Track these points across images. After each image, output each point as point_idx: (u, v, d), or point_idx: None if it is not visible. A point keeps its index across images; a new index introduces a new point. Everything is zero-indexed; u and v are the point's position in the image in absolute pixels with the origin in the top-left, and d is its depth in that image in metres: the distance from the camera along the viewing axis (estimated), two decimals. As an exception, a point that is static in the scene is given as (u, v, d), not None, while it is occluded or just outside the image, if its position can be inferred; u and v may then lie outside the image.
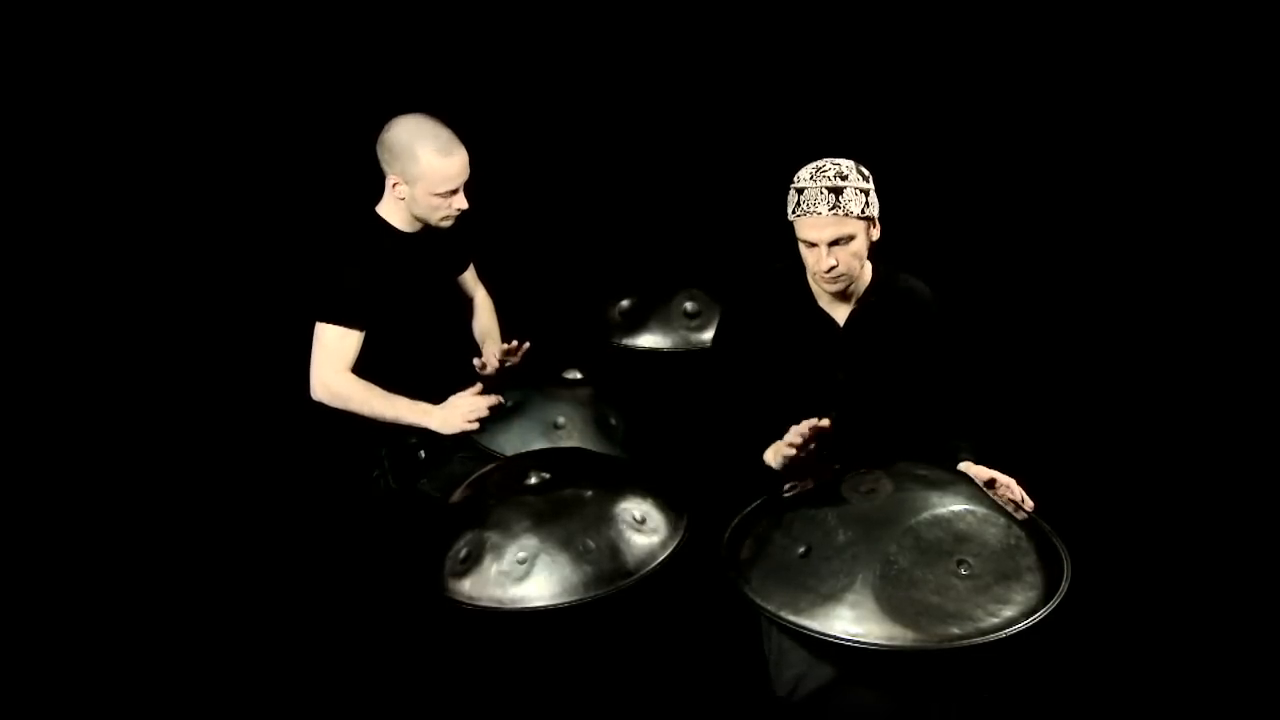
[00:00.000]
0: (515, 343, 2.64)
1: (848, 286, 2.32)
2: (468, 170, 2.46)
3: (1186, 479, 3.20)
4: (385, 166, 2.45)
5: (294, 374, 3.38)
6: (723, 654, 2.58)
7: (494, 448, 2.54)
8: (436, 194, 2.43)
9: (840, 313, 2.38)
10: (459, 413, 2.47)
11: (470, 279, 2.85)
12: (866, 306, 2.37)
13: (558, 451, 2.45)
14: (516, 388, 2.65)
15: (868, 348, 2.37)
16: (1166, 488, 3.18)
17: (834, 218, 2.19)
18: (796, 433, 2.17)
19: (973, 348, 2.52)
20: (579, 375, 2.73)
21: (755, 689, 2.36)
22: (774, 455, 2.26)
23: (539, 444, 2.52)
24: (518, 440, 2.54)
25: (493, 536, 2.07)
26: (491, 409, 2.49)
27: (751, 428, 2.33)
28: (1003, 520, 2.04)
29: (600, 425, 2.62)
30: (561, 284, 3.39)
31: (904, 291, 2.41)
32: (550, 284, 3.43)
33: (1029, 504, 2.14)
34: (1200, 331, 3.46)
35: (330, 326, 2.45)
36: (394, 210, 2.50)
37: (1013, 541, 2.01)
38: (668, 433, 2.73)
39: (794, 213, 2.24)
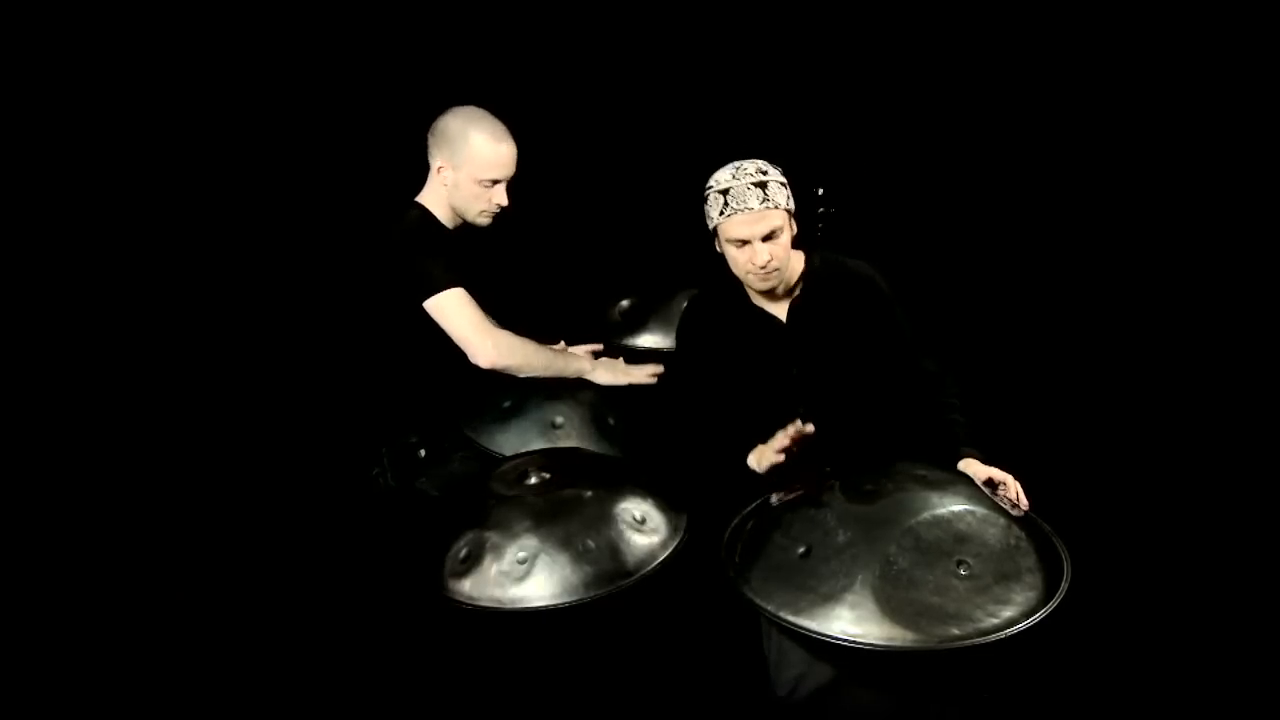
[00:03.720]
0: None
1: (779, 283, 2.33)
2: (513, 167, 2.49)
3: (1186, 479, 3.21)
4: (433, 151, 2.48)
5: (293, 372, 3.40)
6: (723, 654, 2.58)
7: (494, 448, 2.54)
8: (479, 180, 2.44)
9: (780, 309, 2.38)
10: (621, 367, 2.65)
11: None
12: (805, 297, 2.37)
13: (557, 451, 2.45)
14: (515, 387, 2.65)
15: (815, 338, 2.37)
16: (1167, 488, 3.19)
17: (764, 211, 2.21)
18: (784, 436, 2.18)
19: (930, 312, 2.51)
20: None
21: (755, 689, 2.36)
22: (757, 460, 2.27)
23: (538, 444, 2.52)
24: (517, 440, 2.54)
25: (493, 536, 2.07)
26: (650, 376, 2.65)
27: (721, 435, 2.35)
28: (1003, 520, 2.04)
29: (599, 425, 2.61)
30: (561, 284, 3.39)
31: (841, 274, 2.41)
32: (550, 284, 3.44)
33: (1025, 503, 2.14)
34: (1199, 331, 3.46)
35: (452, 292, 2.42)
36: (435, 202, 2.51)
37: (1013, 542, 2.01)
38: (667, 433, 2.73)
39: (722, 214, 2.24)
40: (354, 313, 2.58)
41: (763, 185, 2.22)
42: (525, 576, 2.02)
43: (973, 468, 2.21)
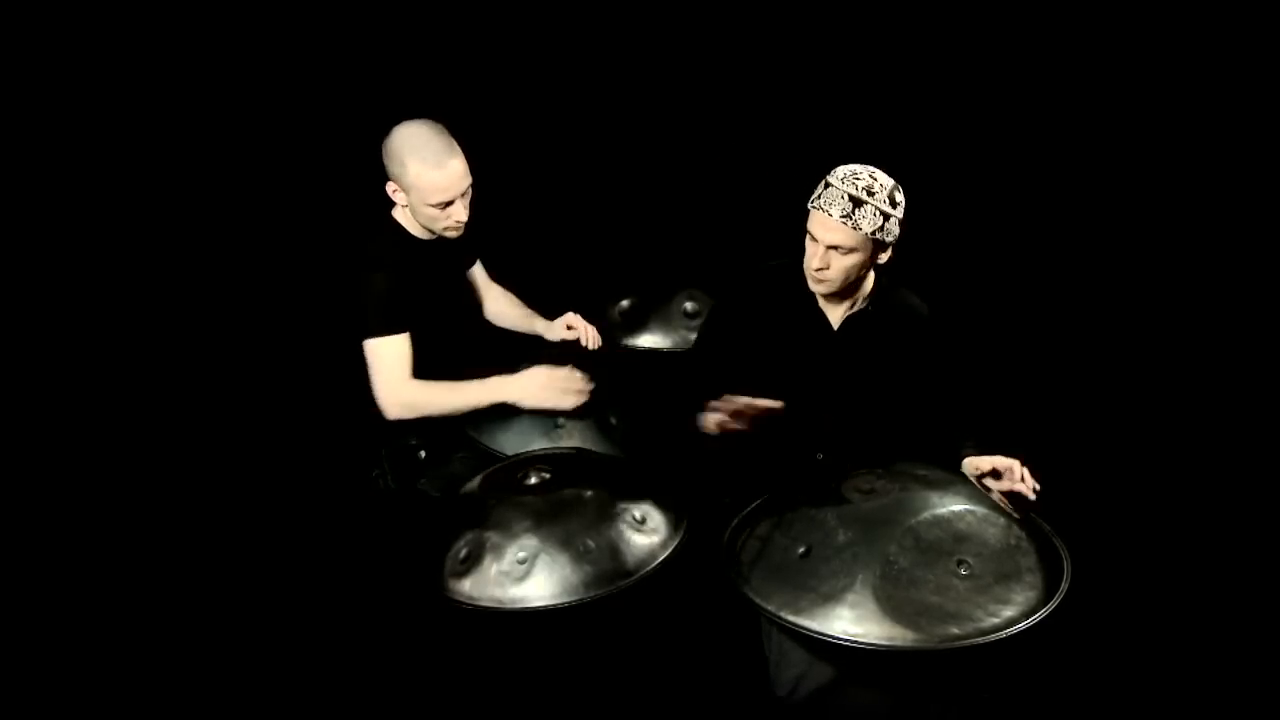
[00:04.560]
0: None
1: (836, 291, 2.33)
2: (464, 181, 2.42)
3: (1186, 479, 3.21)
4: (387, 173, 2.45)
5: (293, 375, 3.40)
6: (723, 654, 2.58)
7: (494, 448, 2.54)
8: (430, 205, 2.41)
9: (836, 315, 2.39)
10: (538, 384, 2.50)
11: (480, 275, 2.86)
12: (862, 313, 2.38)
13: (558, 451, 2.45)
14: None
15: (858, 353, 2.39)
16: (1167, 488, 3.19)
17: (841, 225, 2.19)
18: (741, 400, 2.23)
19: (971, 365, 2.53)
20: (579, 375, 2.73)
21: (755, 689, 2.36)
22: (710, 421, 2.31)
23: (539, 444, 2.52)
24: (517, 440, 2.54)
25: (493, 536, 2.07)
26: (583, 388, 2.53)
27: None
28: (1003, 520, 2.05)
29: (600, 425, 2.61)
30: (561, 284, 3.39)
31: (901, 305, 2.43)
32: (550, 284, 3.43)
33: (1029, 482, 2.12)
34: (1199, 331, 3.46)
35: (380, 340, 2.42)
36: (406, 215, 2.50)
37: (1013, 541, 2.01)
38: (668, 433, 2.73)
39: (812, 201, 2.25)
40: (349, 316, 2.57)
41: (858, 203, 2.18)
42: (525, 576, 2.02)
43: (975, 460, 2.21)
